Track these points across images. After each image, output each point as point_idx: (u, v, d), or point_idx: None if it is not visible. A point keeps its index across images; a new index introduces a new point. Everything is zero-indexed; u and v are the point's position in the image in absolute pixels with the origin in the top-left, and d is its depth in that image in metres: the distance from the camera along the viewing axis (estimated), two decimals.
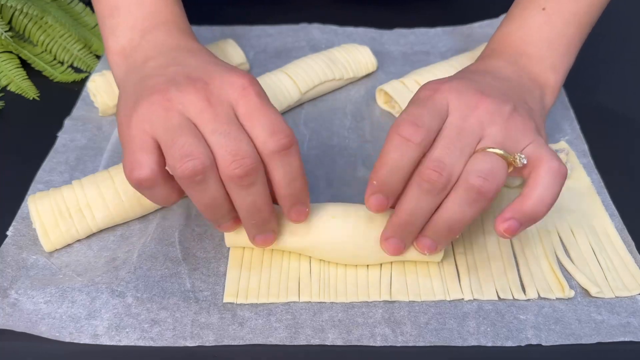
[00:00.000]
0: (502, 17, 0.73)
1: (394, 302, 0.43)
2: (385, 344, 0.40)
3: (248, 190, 0.38)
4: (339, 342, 0.40)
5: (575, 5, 0.49)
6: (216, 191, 0.38)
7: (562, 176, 0.39)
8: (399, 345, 0.40)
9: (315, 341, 0.40)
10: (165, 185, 0.39)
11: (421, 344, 0.40)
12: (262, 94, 0.40)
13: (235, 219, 0.42)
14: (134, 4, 0.47)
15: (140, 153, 0.38)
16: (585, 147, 0.56)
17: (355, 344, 0.40)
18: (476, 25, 0.73)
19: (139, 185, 0.39)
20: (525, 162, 0.39)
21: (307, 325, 0.41)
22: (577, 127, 0.58)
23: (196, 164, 0.37)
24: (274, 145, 0.38)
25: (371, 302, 0.43)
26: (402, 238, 0.41)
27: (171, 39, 0.46)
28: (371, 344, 0.40)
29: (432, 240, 0.41)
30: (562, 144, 0.56)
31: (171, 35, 0.46)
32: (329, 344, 0.40)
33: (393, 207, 0.41)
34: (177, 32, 0.47)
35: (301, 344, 0.40)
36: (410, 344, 0.40)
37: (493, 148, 0.39)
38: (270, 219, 0.41)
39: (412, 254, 0.43)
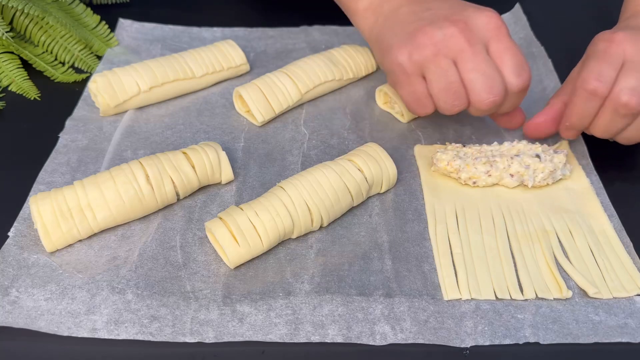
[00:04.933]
0: (503, 16, 0.73)
1: (394, 297, 0.43)
2: (385, 343, 0.40)
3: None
4: (339, 339, 0.40)
5: None
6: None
7: None
8: (398, 342, 0.40)
9: (315, 338, 0.40)
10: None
11: (420, 341, 0.40)
12: (509, 34, 0.49)
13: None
14: None
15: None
16: (585, 148, 0.56)
17: (355, 341, 0.40)
18: None
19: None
20: None
21: (307, 320, 0.41)
22: None
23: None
24: (518, 86, 0.48)
25: (371, 297, 0.43)
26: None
27: None
28: (370, 343, 0.40)
29: None
30: (562, 145, 0.56)
31: None
32: (329, 341, 0.40)
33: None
34: None
35: (301, 341, 0.40)
36: (409, 342, 0.40)
37: None
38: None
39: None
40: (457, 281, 0.44)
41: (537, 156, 0.51)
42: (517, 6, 0.74)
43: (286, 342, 0.40)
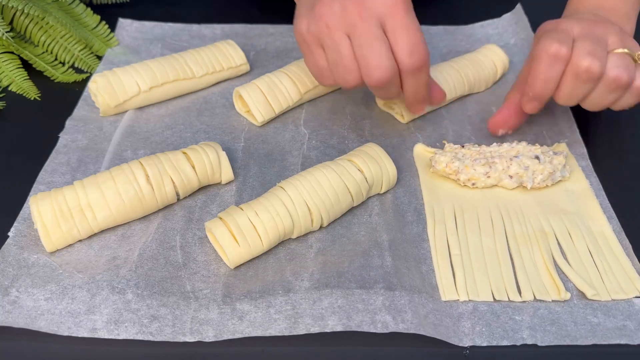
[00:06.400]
0: (505, 16, 0.73)
1: (395, 290, 0.43)
2: (386, 331, 0.40)
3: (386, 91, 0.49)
4: (339, 328, 0.40)
5: None
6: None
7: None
8: (399, 332, 0.40)
9: (315, 329, 0.40)
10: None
11: (422, 332, 0.40)
12: (409, 10, 0.47)
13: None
14: None
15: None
16: (584, 150, 0.56)
17: (356, 329, 0.40)
18: (477, 25, 0.73)
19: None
20: None
21: (306, 314, 0.41)
22: (577, 130, 0.58)
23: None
24: (409, 65, 0.47)
25: (372, 290, 0.43)
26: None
27: None
28: (372, 330, 0.40)
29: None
30: (561, 147, 0.56)
31: None
32: (328, 330, 0.40)
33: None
34: None
35: (301, 333, 0.40)
36: (411, 331, 0.40)
37: (620, 49, 0.48)
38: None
39: None
40: (455, 282, 0.44)
41: (537, 157, 0.51)
42: (519, 7, 0.74)
43: (285, 335, 0.40)
